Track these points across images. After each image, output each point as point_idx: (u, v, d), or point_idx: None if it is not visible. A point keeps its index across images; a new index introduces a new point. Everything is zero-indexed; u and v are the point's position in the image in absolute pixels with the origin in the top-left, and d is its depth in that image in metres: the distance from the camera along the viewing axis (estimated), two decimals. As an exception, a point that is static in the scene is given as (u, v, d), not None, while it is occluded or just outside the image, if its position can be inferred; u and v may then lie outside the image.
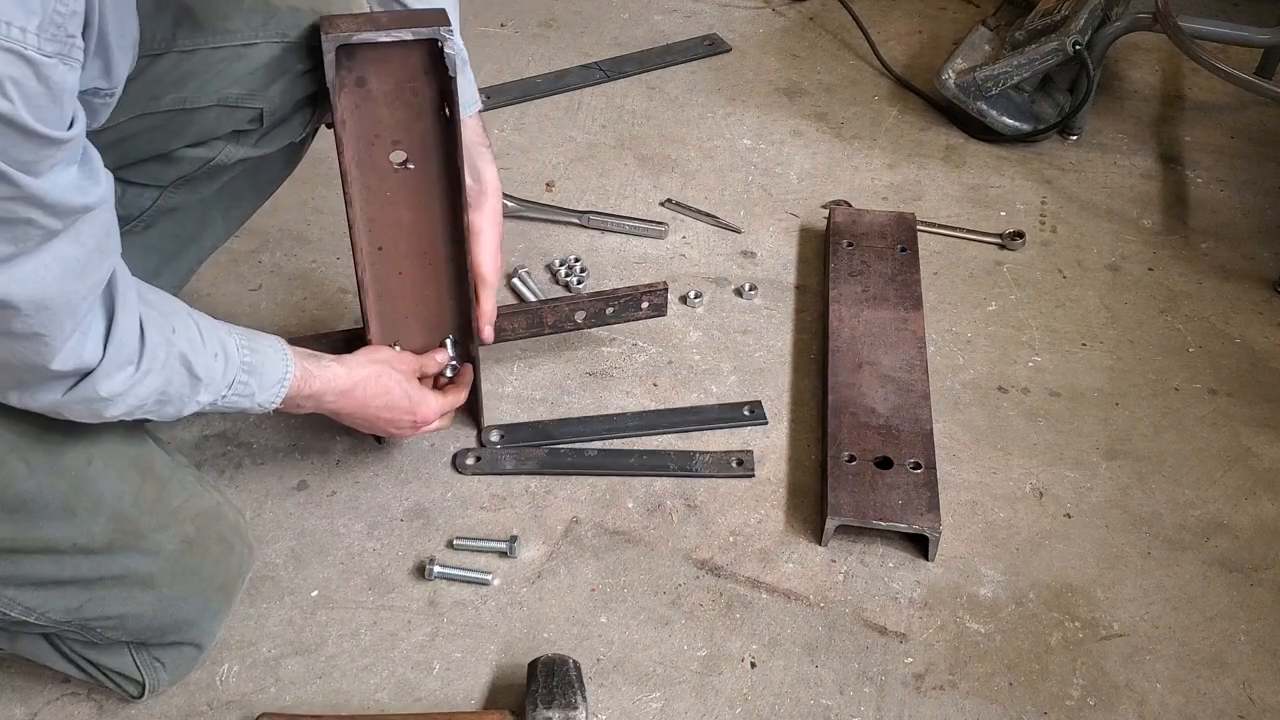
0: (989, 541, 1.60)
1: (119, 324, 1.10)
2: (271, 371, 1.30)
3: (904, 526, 1.55)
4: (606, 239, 2.09)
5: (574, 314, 1.74)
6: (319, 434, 1.70)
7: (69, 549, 1.20)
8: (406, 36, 1.32)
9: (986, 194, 2.23)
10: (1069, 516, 1.64)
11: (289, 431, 1.71)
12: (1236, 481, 1.70)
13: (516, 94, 2.43)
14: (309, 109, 1.46)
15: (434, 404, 1.54)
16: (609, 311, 1.76)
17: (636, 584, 1.54)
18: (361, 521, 1.60)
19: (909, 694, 1.43)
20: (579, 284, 1.97)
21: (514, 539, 1.56)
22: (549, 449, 1.70)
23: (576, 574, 1.55)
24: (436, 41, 1.34)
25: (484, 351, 1.66)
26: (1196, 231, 2.15)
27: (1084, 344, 1.91)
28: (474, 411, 1.71)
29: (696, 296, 1.95)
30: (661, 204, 2.17)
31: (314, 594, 1.52)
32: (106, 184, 1.03)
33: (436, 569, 1.52)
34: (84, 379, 1.10)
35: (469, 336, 1.62)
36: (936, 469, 1.62)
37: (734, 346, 1.89)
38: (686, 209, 2.16)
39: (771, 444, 1.73)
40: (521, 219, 2.09)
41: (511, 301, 1.93)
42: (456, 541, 1.57)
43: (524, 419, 1.75)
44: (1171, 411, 1.80)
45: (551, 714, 1.31)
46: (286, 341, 1.35)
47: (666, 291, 1.77)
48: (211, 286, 1.94)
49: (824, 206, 2.16)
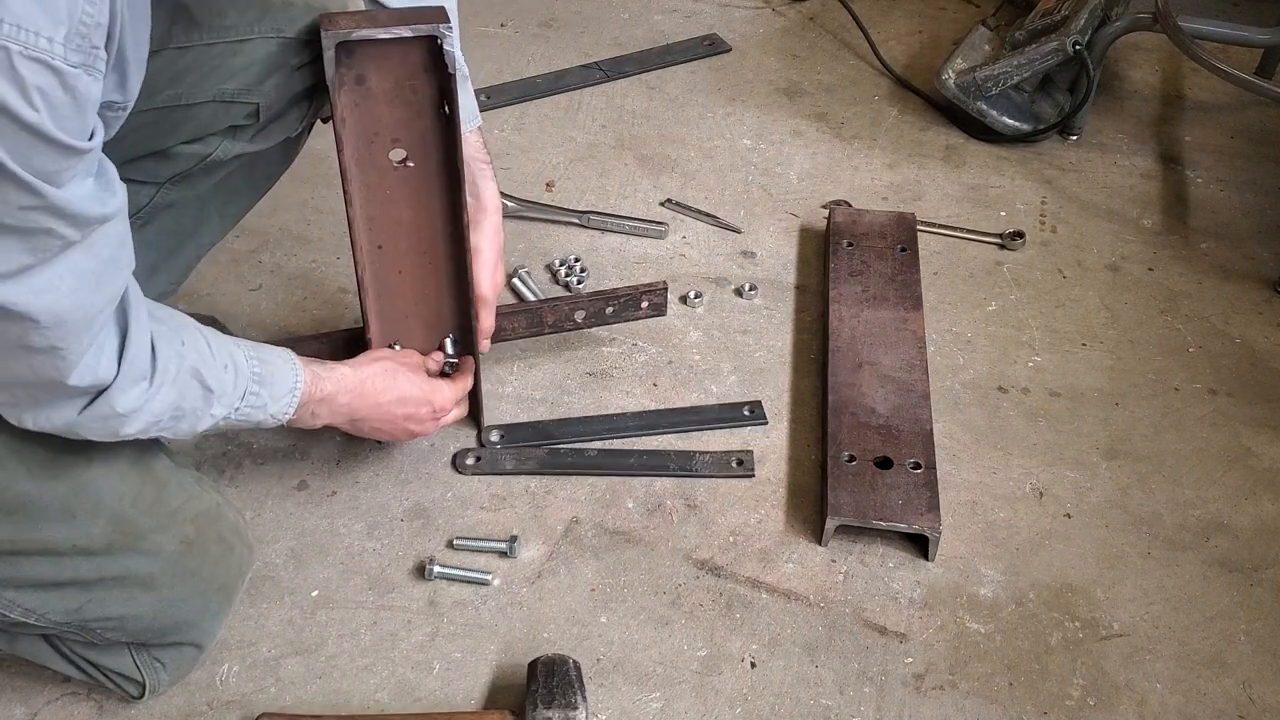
0: (989, 541, 1.60)
1: (132, 339, 1.11)
2: (282, 381, 1.32)
3: (904, 526, 1.55)
4: (606, 239, 2.09)
5: (574, 313, 1.74)
6: (319, 434, 1.69)
7: (69, 550, 1.20)
8: (405, 33, 1.32)
9: (986, 194, 2.23)
10: (1069, 516, 1.64)
11: (289, 432, 1.70)
12: (1236, 481, 1.70)
13: (516, 94, 2.43)
14: (305, 104, 1.46)
15: (447, 391, 1.55)
16: (609, 311, 1.76)
17: (636, 584, 1.54)
18: (361, 521, 1.60)
19: (909, 694, 1.42)
20: (579, 284, 1.97)
21: (514, 539, 1.56)
22: (549, 449, 1.70)
23: (576, 574, 1.55)
24: (436, 39, 1.34)
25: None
26: (1196, 231, 2.15)
27: (1084, 344, 1.91)
28: (474, 411, 1.71)
29: (696, 296, 1.95)
30: (661, 204, 2.17)
31: (314, 594, 1.52)
32: (122, 195, 1.04)
33: (436, 569, 1.52)
34: (99, 396, 1.11)
35: (469, 334, 1.62)
36: (936, 469, 1.62)
37: (734, 346, 1.89)
38: (686, 209, 2.16)
39: (771, 444, 1.73)
40: (521, 219, 2.09)
41: (511, 301, 1.93)
42: (456, 541, 1.57)
43: (524, 419, 1.75)
44: (1171, 411, 1.80)
45: (551, 714, 1.31)
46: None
47: (666, 291, 1.78)
48: (211, 286, 1.94)
49: (824, 206, 2.16)
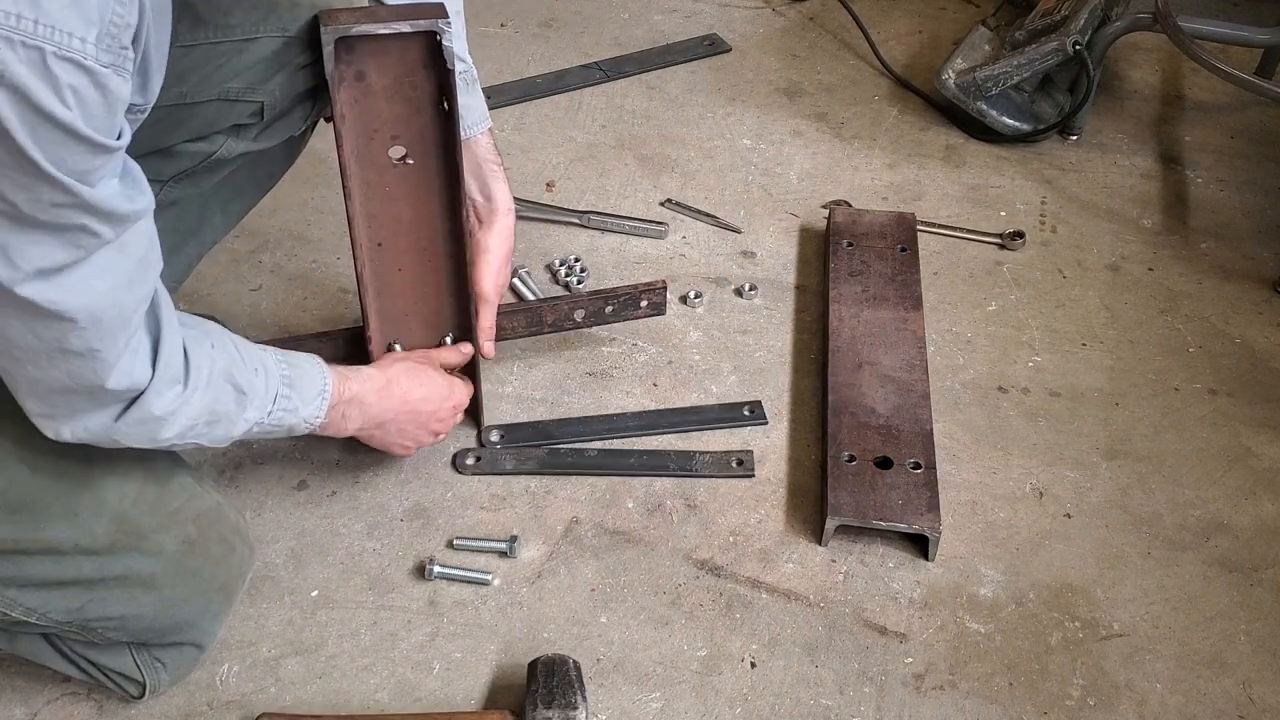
0: (989, 541, 1.60)
1: (165, 342, 1.13)
2: (311, 384, 1.33)
3: (904, 526, 1.55)
4: (606, 239, 2.09)
5: (573, 313, 1.74)
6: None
7: (71, 550, 1.20)
8: (404, 28, 1.33)
9: (986, 194, 2.23)
10: (1069, 516, 1.64)
11: (289, 431, 1.71)
12: (1236, 481, 1.70)
13: (516, 94, 2.43)
14: (309, 102, 1.46)
15: (461, 387, 1.58)
16: (608, 310, 1.76)
17: (636, 584, 1.54)
18: (361, 521, 1.60)
19: (909, 694, 1.43)
20: (579, 284, 1.97)
21: (514, 539, 1.56)
22: (549, 449, 1.70)
23: (576, 574, 1.55)
24: (435, 34, 1.34)
25: (484, 351, 1.66)
26: (1196, 231, 2.15)
27: (1084, 344, 1.91)
28: (474, 411, 1.71)
29: (696, 296, 1.95)
30: (661, 204, 2.17)
31: (314, 594, 1.52)
32: (149, 194, 1.06)
33: (436, 569, 1.53)
34: (135, 401, 1.12)
35: (468, 336, 1.62)
36: (936, 469, 1.62)
37: (734, 346, 1.89)
38: (686, 209, 2.16)
39: (771, 444, 1.73)
40: (521, 219, 2.07)
41: (511, 301, 1.93)
42: (456, 541, 1.57)
43: (524, 419, 1.75)
44: (1171, 411, 1.80)
45: (551, 714, 1.31)
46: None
47: (665, 290, 1.77)
48: (212, 286, 1.94)
49: (824, 206, 2.16)
